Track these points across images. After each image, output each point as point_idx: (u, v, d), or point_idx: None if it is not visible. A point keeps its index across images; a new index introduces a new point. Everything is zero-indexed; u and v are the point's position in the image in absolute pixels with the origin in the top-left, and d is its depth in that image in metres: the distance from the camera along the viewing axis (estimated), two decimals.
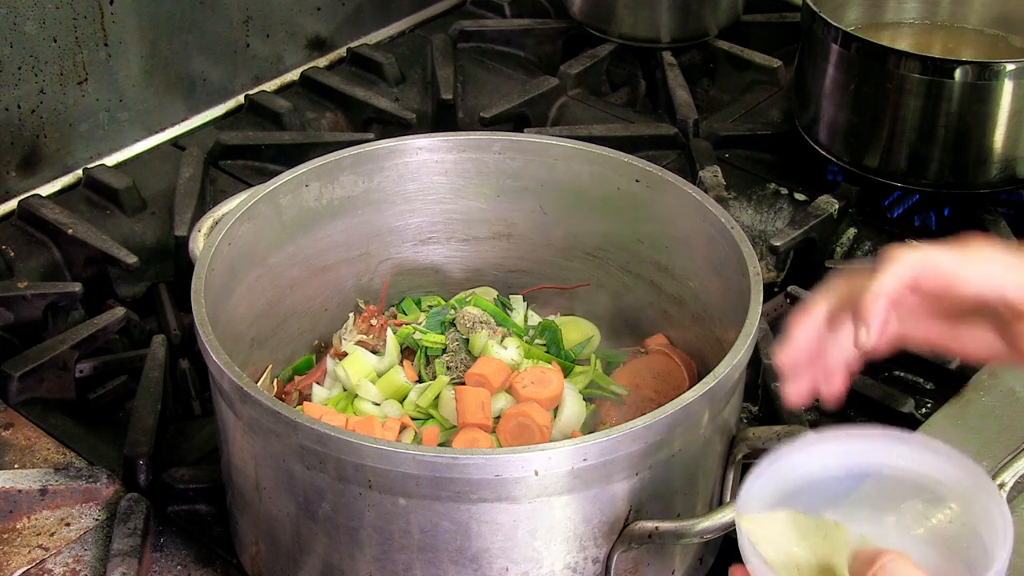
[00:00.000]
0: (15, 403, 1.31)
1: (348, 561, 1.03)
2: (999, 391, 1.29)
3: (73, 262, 1.49)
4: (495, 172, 1.28)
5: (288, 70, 1.82)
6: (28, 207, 1.53)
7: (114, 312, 1.40)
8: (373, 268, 1.31)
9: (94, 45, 1.60)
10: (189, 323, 1.40)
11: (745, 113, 1.74)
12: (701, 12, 1.87)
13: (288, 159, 1.58)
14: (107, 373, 1.36)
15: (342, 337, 1.29)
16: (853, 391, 1.32)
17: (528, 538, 0.99)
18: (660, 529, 1.00)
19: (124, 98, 1.66)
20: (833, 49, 1.56)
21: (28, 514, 1.19)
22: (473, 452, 0.98)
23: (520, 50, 1.89)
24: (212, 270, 1.11)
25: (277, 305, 1.25)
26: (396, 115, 1.71)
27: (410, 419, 1.18)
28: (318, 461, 0.98)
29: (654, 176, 1.22)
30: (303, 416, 0.97)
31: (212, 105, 1.75)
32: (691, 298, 1.23)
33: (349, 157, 1.24)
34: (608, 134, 1.65)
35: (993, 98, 1.50)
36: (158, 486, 1.21)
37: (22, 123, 1.57)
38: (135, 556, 1.12)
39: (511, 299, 1.34)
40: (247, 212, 1.17)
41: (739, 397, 1.11)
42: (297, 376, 1.27)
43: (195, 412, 1.37)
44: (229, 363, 1.01)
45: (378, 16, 1.92)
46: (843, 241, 1.54)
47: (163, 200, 1.58)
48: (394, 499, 0.97)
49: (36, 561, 1.15)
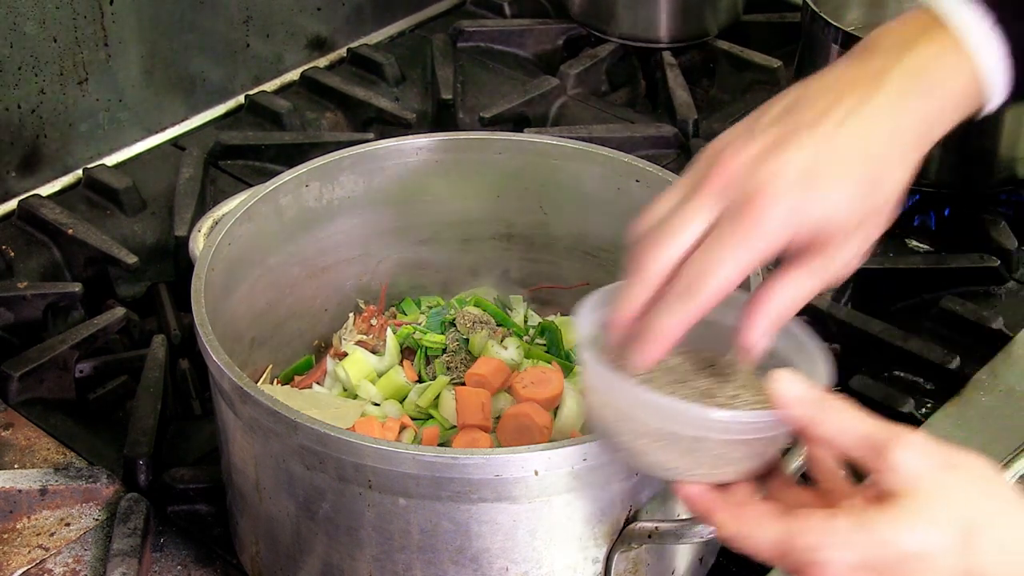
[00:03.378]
0: (15, 403, 1.31)
1: (348, 561, 1.03)
2: (999, 391, 1.29)
3: (73, 262, 1.49)
4: (495, 172, 1.28)
5: (288, 70, 1.82)
6: (28, 207, 1.53)
7: (114, 312, 1.40)
8: (373, 268, 1.31)
9: (94, 45, 1.60)
10: (189, 323, 1.40)
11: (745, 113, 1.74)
12: (701, 12, 1.87)
13: (288, 159, 1.58)
14: (107, 373, 1.36)
15: (342, 337, 1.29)
16: (853, 391, 1.32)
17: (528, 538, 0.99)
18: (660, 529, 1.00)
19: (124, 98, 1.66)
20: (833, 49, 1.55)
21: (28, 514, 1.19)
22: (473, 452, 0.98)
23: (520, 50, 1.89)
24: (212, 270, 1.11)
25: (277, 305, 1.25)
26: (396, 115, 1.71)
27: (410, 419, 1.18)
28: (318, 461, 0.98)
29: (654, 176, 1.22)
30: (303, 416, 0.97)
31: (212, 105, 1.75)
32: None
33: (349, 157, 1.24)
34: (608, 134, 1.65)
35: None
36: (158, 486, 1.21)
37: (22, 123, 1.57)
38: (135, 556, 1.12)
39: (511, 299, 1.34)
40: (247, 212, 1.17)
41: None
42: (297, 376, 1.27)
43: (195, 412, 1.36)
44: (229, 363, 1.01)
45: (378, 16, 1.92)
46: None
47: (163, 200, 1.58)
48: (394, 499, 0.97)
49: (36, 561, 1.15)
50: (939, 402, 1.30)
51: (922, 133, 0.88)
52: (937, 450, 0.78)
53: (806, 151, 0.84)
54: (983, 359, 1.33)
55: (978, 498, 0.77)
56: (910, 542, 0.76)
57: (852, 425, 0.80)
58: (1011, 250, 1.49)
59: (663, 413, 0.83)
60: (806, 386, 0.83)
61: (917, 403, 1.31)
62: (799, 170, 0.84)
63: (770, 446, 0.86)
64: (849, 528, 0.77)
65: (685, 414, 0.83)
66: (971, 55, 0.89)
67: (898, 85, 0.87)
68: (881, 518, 0.77)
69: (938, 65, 0.89)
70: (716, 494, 0.86)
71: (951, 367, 1.34)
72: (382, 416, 1.19)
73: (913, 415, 1.29)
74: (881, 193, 0.87)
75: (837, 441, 0.80)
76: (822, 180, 0.84)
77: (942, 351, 1.35)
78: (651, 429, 0.84)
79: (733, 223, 0.83)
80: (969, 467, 0.79)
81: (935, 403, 1.31)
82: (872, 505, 0.78)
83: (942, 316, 1.42)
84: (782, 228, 0.83)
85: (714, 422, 0.83)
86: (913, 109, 0.87)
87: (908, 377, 1.36)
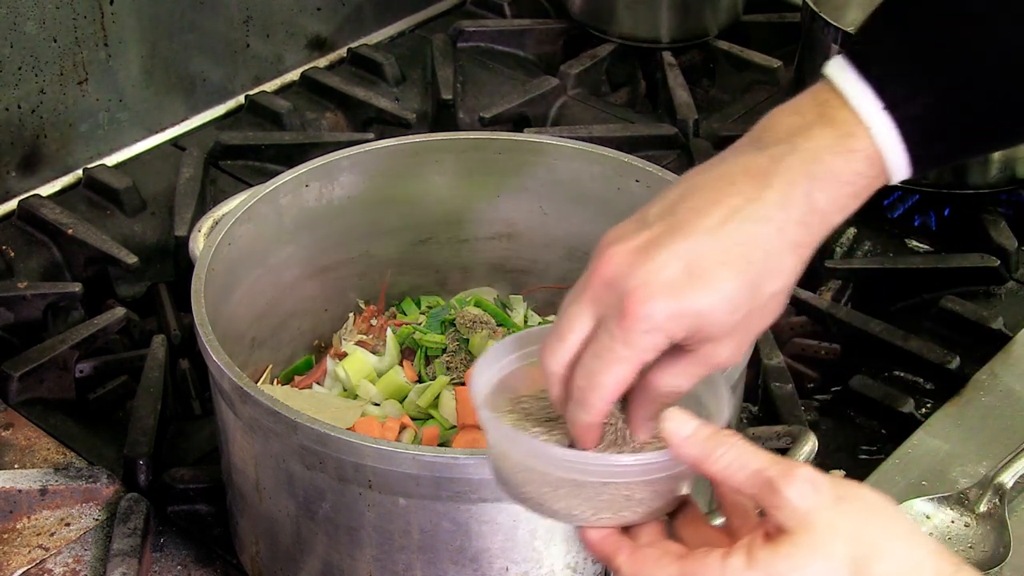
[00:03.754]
0: (15, 403, 1.31)
1: (348, 561, 1.03)
2: (999, 391, 1.29)
3: (73, 262, 1.49)
4: (495, 172, 1.28)
5: (288, 70, 1.82)
6: (28, 207, 1.53)
7: (114, 312, 1.40)
8: (373, 268, 1.31)
9: (94, 45, 1.60)
10: (189, 323, 1.40)
11: (745, 113, 1.74)
12: (701, 12, 1.87)
13: (288, 159, 1.58)
14: (107, 373, 1.36)
15: (342, 337, 1.29)
16: (853, 391, 1.32)
17: (528, 538, 0.99)
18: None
19: (124, 98, 1.66)
20: (833, 49, 1.56)
21: (28, 514, 1.19)
22: (473, 452, 0.98)
23: (520, 50, 1.89)
24: (212, 270, 1.11)
25: (277, 305, 1.25)
26: (396, 115, 1.71)
27: (410, 419, 1.18)
28: (318, 461, 0.98)
29: (654, 176, 1.22)
30: (303, 416, 0.97)
31: (212, 105, 1.75)
32: None
33: (349, 157, 1.24)
34: (608, 134, 1.65)
35: None
36: (158, 486, 1.21)
37: (22, 123, 1.57)
38: (135, 556, 1.12)
39: (511, 299, 1.34)
40: (247, 212, 1.17)
41: (739, 397, 1.11)
42: (297, 376, 1.27)
43: (195, 412, 1.36)
44: (229, 363, 1.01)
45: (378, 16, 1.92)
46: (843, 241, 1.54)
47: (163, 200, 1.58)
48: (394, 499, 0.97)
49: (36, 561, 1.15)
50: (939, 402, 1.30)
51: (814, 224, 0.85)
52: (827, 483, 0.77)
53: (686, 247, 0.82)
54: (983, 359, 1.33)
55: (868, 530, 0.77)
56: None
57: (744, 462, 0.79)
58: (1011, 250, 1.49)
59: (561, 464, 0.83)
60: (697, 424, 0.81)
61: (917, 403, 1.31)
62: (676, 269, 0.81)
63: (674, 484, 0.85)
64: (742, 566, 0.77)
65: (583, 462, 0.83)
66: (870, 136, 0.85)
67: (789, 177, 0.84)
68: (775, 555, 0.76)
69: (833, 153, 0.85)
70: (617, 537, 0.85)
71: (951, 367, 1.34)
72: (382, 416, 1.19)
73: (913, 415, 1.29)
74: (765, 291, 0.84)
75: (730, 478, 0.79)
76: (700, 279, 0.82)
77: (942, 351, 1.35)
78: (553, 479, 0.84)
79: (608, 331, 0.82)
80: (859, 499, 0.78)
81: (935, 403, 1.31)
82: (767, 542, 0.77)
83: (942, 316, 1.42)
84: (656, 331, 0.81)
85: (610, 467, 0.83)
86: (805, 202, 0.84)
87: (908, 377, 1.36)
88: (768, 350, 1.34)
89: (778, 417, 1.28)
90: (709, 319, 0.82)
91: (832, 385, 1.38)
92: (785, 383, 1.31)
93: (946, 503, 1.16)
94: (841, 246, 1.54)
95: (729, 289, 0.82)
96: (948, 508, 1.16)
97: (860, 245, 1.54)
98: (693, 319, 0.82)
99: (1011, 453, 1.19)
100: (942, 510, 1.15)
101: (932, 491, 1.17)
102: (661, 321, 0.81)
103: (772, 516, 0.77)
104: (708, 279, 0.82)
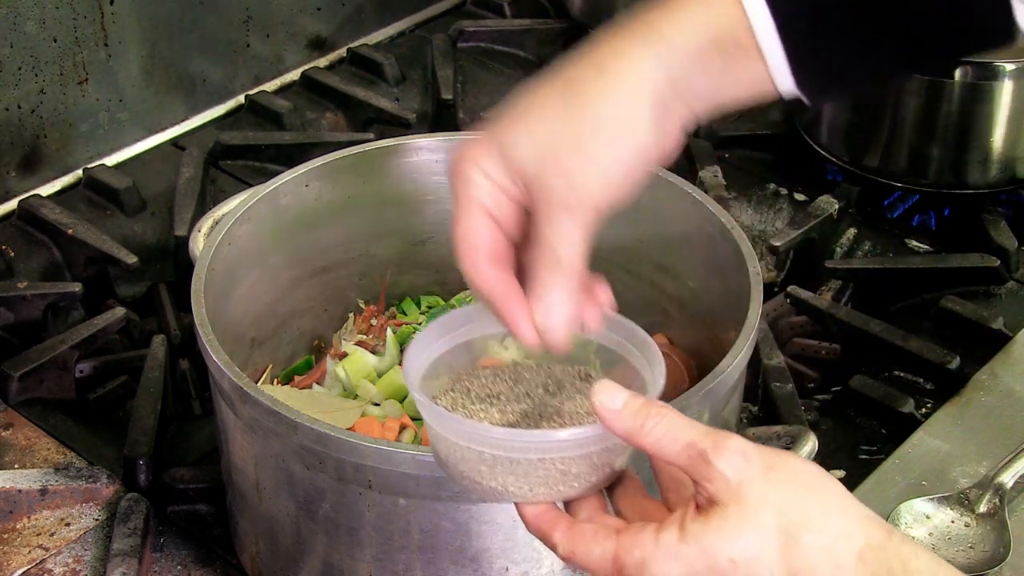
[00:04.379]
0: (15, 403, 1.31)
1: (348, 561, 1.03)
2: (999, 391, 1.29)
3: (73, 262, 1.49)
4: None
5: (288, 70, 1.82)
6: (28, 207, 1.53)
7: (114, 312, 1.40)
8: (373, 268, 1.31)
9: (94, 45, 1.60)
10: (189, 323, 1.40)
11: (745, 113, 1.74)
12: None
13: (288, 159, 1.58)
14: (107, 373, 1.36)
15: (342, 337, 1.29)
16: (853, 391, 1.32)
17: (528, 538, 0.99)
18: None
19: (124, 98, 1.66)
20: None
21: (28, 514, 1.19)
22: None
23: (520, 50, 1.89)
24: (212, 270, 1.11)
25: (277, 305, 1.25)
26: (396, 115, 1.71)
27: (410, 419, 1.18)
28: (318, 461, 0.98)
29: (654, 176, 1.21)
30: (303, 416, 0.97)
31: (212, 105, 1.75)
32: (691, 298, 1.23)
33: (349, 157, 1.24)
34: None
35: (993, 98, 1.50)
36: (158, 486, 1.21)
37: (22, 123, 1.57)
38: (135, 556, 1.12)
39: None
40: (247, 212, 1.17)
41: (739, 397, 1.11)
42: (297, 376, 1.27)
43: (195, 412, 1.37)
44: (229, 363, 1.01)
45: (378, 16, 1.92)
46: (843, 241, 1.54)
47: (163, 200, 1.58)
48: (394, 499, 0.97)
49: (36, 561, 1.15)
50: (939, 402, 1.30)
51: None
52: (757, 453, 0.77)
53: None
54: (983, 359, 1.33)
55: (798, 500, 0.76)
56: (734, 550, 0.75)
57: (676, 435, 0.78)
58: (1011, 250, 1.49)
59: (494, 442, 0.83)
60: (626, 396, 0.80)
61: (917, 403, 1.31)
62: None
63: (609, 457, 0.84)
64: (675, 540, 0.76)
65: (515, 439, 0.83)
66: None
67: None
68: (706, 528, 0.76)
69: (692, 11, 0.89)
70: (555, 514, 0.84)
71: (951, 367, 1.34)
72: (382, 416, 1.19)
73: (913, 415, 1.29)
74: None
75: (662, 451, 0.79)
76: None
77: (942, 351, 1.35)
78: (488, 457, 0.84)
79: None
80: (789, 468, 0.77)
81: (935, 403, 1.31)
82: (699, 514, 0.77)
83: (942, 316, 1.42)
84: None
85: (543, 443, 0.82)
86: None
87: (908, 377, 1.36)
88: (768, 350, 1.34)
89: (778, 417, 1.28)
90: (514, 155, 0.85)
91: (832, 385, 1.38)
92: (785, 383, 1.31)
93: (946, 503, 1.16)
94: (841, 246, 1.54)
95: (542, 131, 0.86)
96: (948, 508, 1.16)
97: (860, 245, 1.54)
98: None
99: (1011, 453, 1.19)
100: (942, 510, 1.15)
101: (932, 491, 1.17)
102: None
103: (704, 488, 0.77)
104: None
